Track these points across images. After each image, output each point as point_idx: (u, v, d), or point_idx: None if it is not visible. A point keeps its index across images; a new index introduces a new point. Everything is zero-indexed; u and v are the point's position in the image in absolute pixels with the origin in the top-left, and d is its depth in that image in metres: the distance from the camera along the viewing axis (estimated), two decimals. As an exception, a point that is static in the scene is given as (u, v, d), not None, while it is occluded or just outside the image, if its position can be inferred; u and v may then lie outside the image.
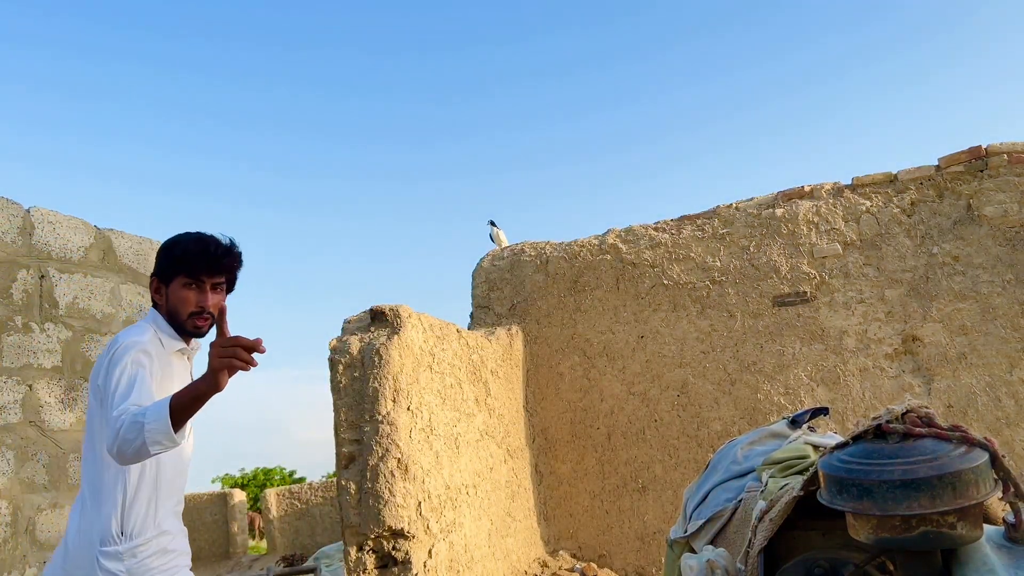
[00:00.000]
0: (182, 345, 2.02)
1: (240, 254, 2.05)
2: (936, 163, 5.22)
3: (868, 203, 5.34)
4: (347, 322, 4.09)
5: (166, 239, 2.04)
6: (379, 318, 4.04)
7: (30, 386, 2.78)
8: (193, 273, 1.96)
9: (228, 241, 2.02)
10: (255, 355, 1.67)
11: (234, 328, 1.82)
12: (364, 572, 3.87)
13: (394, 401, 4.02)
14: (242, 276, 2.09)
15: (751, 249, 5.59)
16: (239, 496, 13.98)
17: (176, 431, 1.63)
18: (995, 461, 1.17)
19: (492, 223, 6.74)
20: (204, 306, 1.97)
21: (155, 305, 2.01)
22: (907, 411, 1.26)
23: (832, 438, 1.93)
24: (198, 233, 2.02)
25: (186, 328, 1.99)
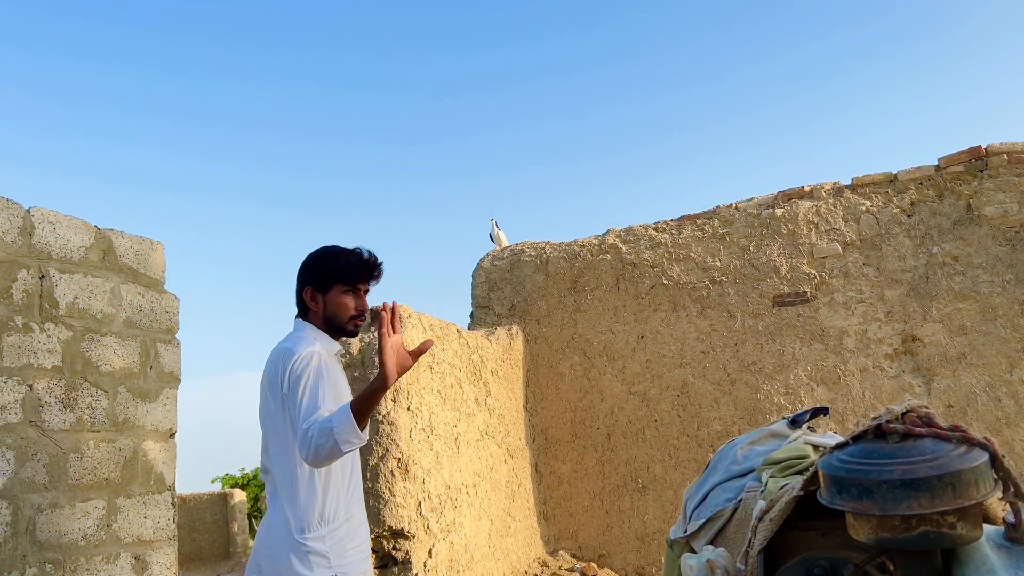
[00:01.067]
0: (338, 347, 2.28)
1: (383, 263, 2.31)
2: (936, 163, 5.22)
3: (868, 203, 5.34)
4: (347, 322, 4.09)
5: (314, 253, 2.28)
6: (379, 318, 4.04)
7: (30, 386, 2.78)
8: (352, 281, 2.22)
9: (367, 252, 2.26)
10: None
11: (234, 324, 1.92)
12: (364, 572, 3.86)
13: (394, 401, 4.02)
14: (240, 276, 2.17)
15: (751, 249, 5.60)
16: (239, 496, 13.95)
17: (361, 429, 1.89)
18: (995, 461, 1.17)
19: (495, 223, 6.74)
20: (363, 310, 2.25)
21: (304, 312, 2.25)
22: (907, 411, 1.26)
23: (832, 438, 1.93)
24: (340, 247, 2.27)
25: (346, 330, 2.26)
